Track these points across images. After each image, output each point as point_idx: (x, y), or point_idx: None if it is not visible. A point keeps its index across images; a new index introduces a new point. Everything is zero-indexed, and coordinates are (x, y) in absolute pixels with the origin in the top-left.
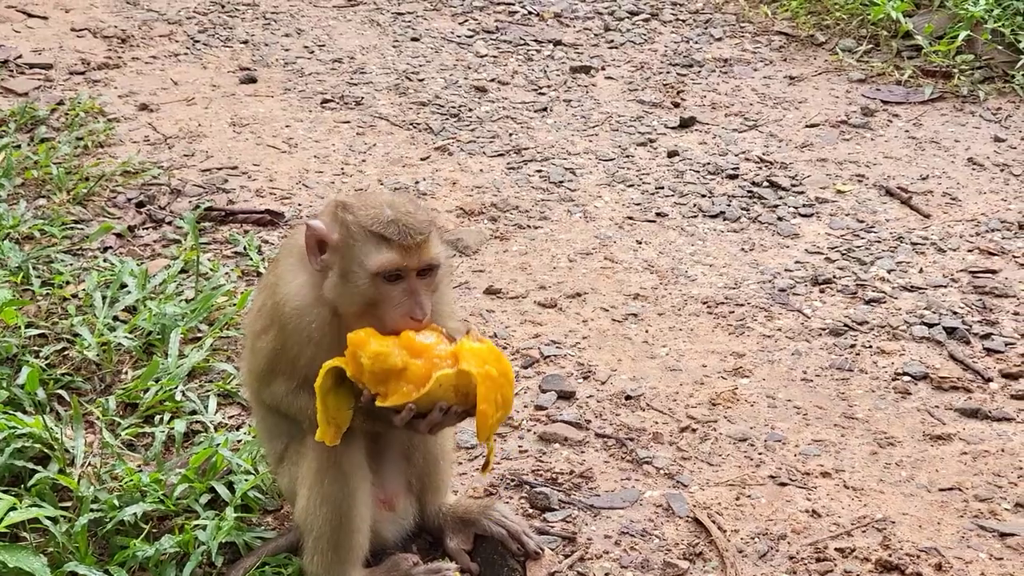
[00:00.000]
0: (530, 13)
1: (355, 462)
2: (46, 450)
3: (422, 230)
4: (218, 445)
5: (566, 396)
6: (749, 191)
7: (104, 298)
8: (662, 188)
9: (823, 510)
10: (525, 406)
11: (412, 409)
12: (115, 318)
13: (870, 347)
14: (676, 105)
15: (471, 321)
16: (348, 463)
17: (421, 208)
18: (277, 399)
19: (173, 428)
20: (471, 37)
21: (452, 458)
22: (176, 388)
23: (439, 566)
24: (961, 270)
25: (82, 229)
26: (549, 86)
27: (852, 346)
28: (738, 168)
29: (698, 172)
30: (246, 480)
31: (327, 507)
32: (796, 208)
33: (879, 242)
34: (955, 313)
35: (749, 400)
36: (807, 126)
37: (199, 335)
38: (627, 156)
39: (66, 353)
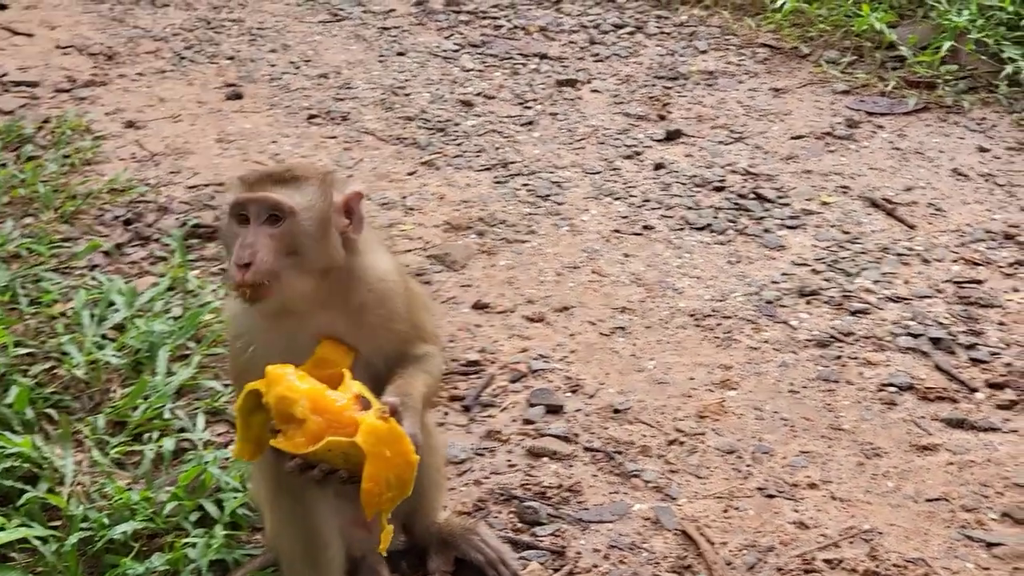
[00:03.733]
0: (516, 27)
1: (304, 479)
2: (35, 469)
3: (279, 172)
4: (207, 463)
5: (554, 410)
6: (735, 203)
7: (92, 316)
8: (648, 201)
9: (811, 521)
10: (514, 420)
11: (298, 462)
12: (103, 336)
13: (856, 358)
14: (662, 118)
15: (459, 335)
16: (300, 480)
17: (314, 167)
18: None
19: (162, 446)
20: (457, 51)
21: (442, 477)
22: (165, 406)
23: None
24: (946, 281)
25: (70, 247)
26: (535, 100)
27: (838, 357)
28: (724, 180)
29: (684, 184)
30: (235, 498)
31: (290, 526)
32: (782, 220)
33: (864, 253)
34: (940, 324)
35: (736, 412)
36: (792, 138)
37: (187, 352)
38: (613, 169)
39: (55, 372)
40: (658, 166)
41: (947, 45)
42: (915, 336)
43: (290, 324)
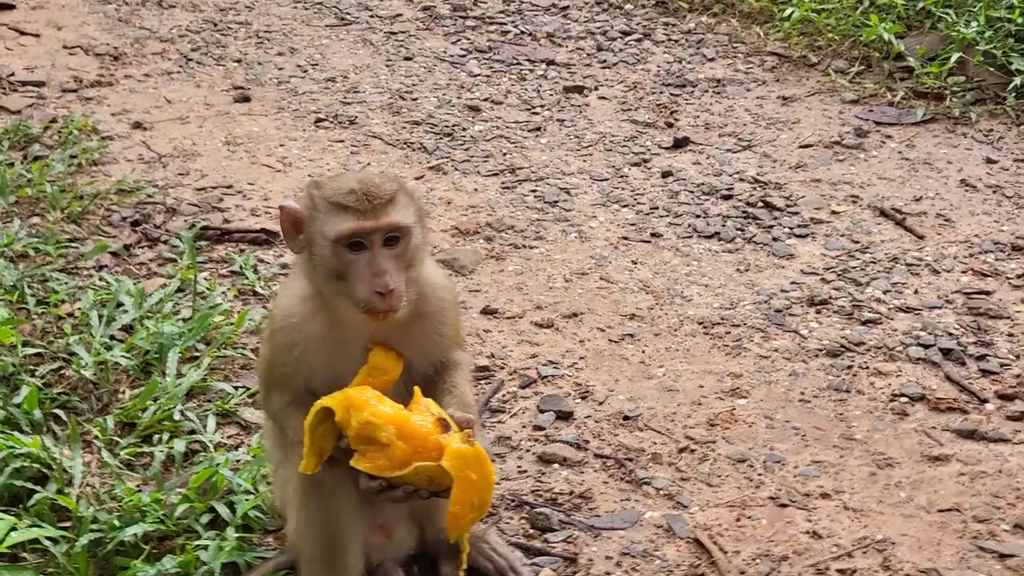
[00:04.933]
0: (523, 33)
1: (338, 482)
2: (44, 470)
3: (381, 193)
4: (218, 465)
5: (564, 416)
6: (744, 211)
7: (100, 317)
8: (656, 208)
9: (824, 531)
10: (523, 426)
11: (382, 484)
12: (112, 337)
13: (867, 368)
14: (670, 125)
15: (468, 340)
16: (332, 483)
17: (391, 179)
18: (274, 412)
19: (172, 448)
20: (464, 56)
21: None
22: (174, 407)
23: None
24: (955, 291)
25: (77, 248)
26: (542, 106)
27: (849, 367)
28: (732, 188)
29: (692, 192)
30: (247, 500)
31: (315, 528)
32: (791, 229)
33: (874, 263)
34: (950, 334)
35: (747, 421)
36: (801, 147)
37: (197, 354)
38: (621, 176)
39: (63, 372)
40: (666, 174)
41: (955, 56)
42: (926, 347)
43: (345, 331)
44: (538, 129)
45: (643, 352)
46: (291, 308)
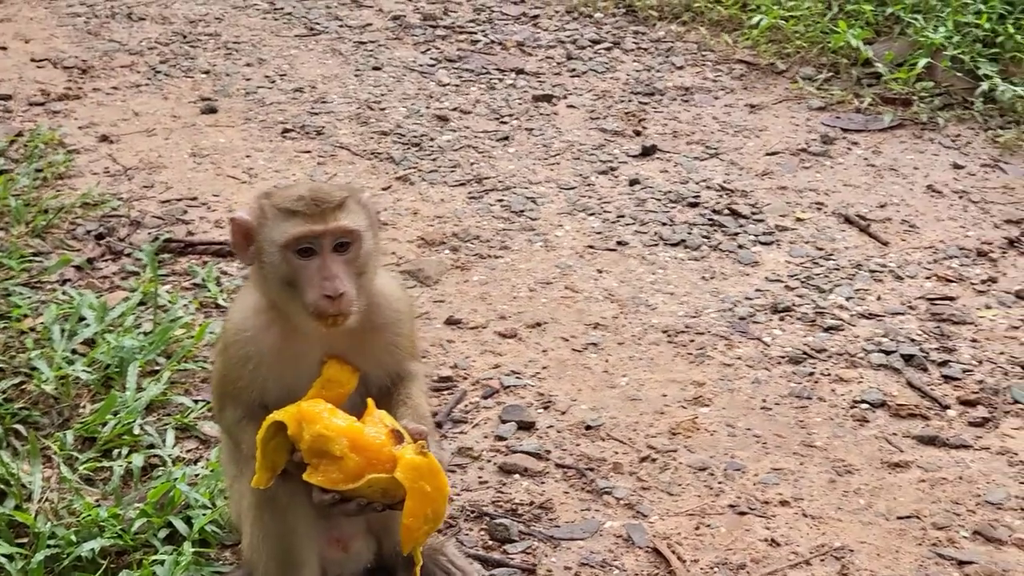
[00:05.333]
0: (493, 42)
1: (293, 496)
2: (2, 486)
3: (331, 199)
4: (176, 479)
5: (526, 426)
6: (710, 219)
7: (63, 331)
8: (623, 216)
9: (782, 539)
10: (485, 436)
11: (335, 498)
12: (73, 351)
13: (829, 375)
14: (638, 133)
15: (431, 351)
16: (286, 497)
17: (342, 187)
18: (227, 426)
19: (131, 462)
20: (433, 66)
21: None
22: (134, 422)
23: None
24: (919, 297)
25: (41, 262)
26: (511, 115)
27: (811, 374)
28: (699, 196)
29: (659, 200)
30: (204, 515)
31: (269, 543)
32: (756, 236)
33: (838, 270)
34: (913, 340)
35: (709, 429)
36: (767, 154)
37: (157, 368)
38: (588, 185)
39: (23, 387)
40: (633, 182)
41: (923, 62)
42: (887, 353)
43: (299, 344)
44: (506, 138)
45: (606, 361)
46: (244, 321)
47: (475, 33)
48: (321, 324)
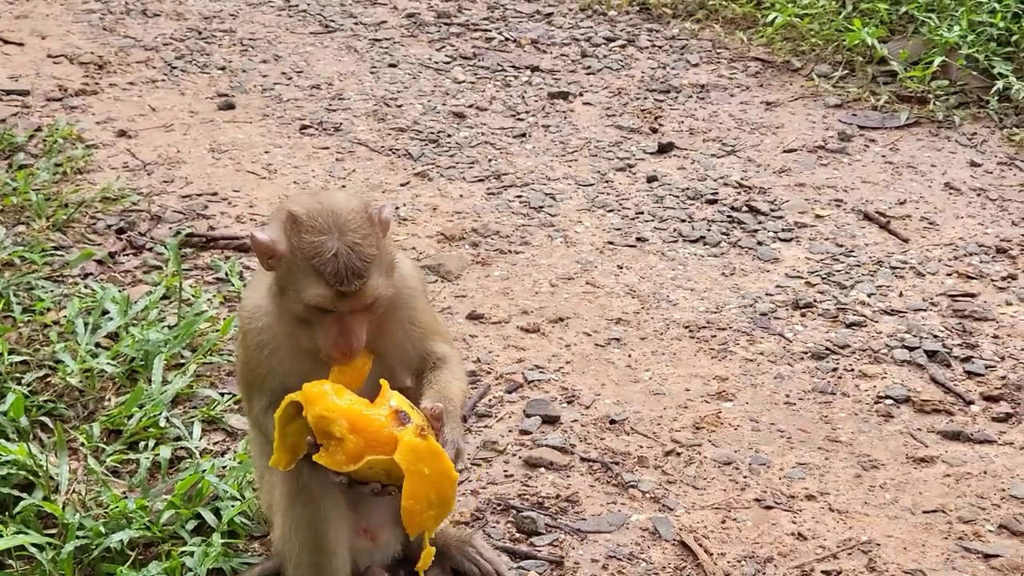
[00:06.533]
0: (507, 39)
1: (325, 485)
2: (31, 477)
3: (359, 271)
4: (204, 471)
5: (550, 421)
6: (728, 216)
7: (86, 325)
8: (642, 213)
9: (808, 533)
10: (510, 431)
11: (344, 479)
12: (97, 344)
13: (852, 370)
14: (654, 131)
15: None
16: (318, 487)
17: (369, 234)
18: (255, 416)
19: (158, 454)
20: (448, 63)
21: None
22: (160, 414)
23: None
24: (940, 294)
25: (62, 256)
26: (527, 112)
27: (834, 369)
28: (717, 193)
29: (677, 197)
30: (232, 506)
31: (301, 532)
32: (776, 233)
33: (859, 266)
34: (935, 336)
35: (733, 424)
36: (785, 151)
37: (182, 361)
38: (606, 181)
39: (49, 380)
40: (651, 179)
41: (938, 60)
42: (911, 349)
43: (313, 330)
44: (523, 135)
45: (629, 356)
46: (258, 308)
47: (489, 31)
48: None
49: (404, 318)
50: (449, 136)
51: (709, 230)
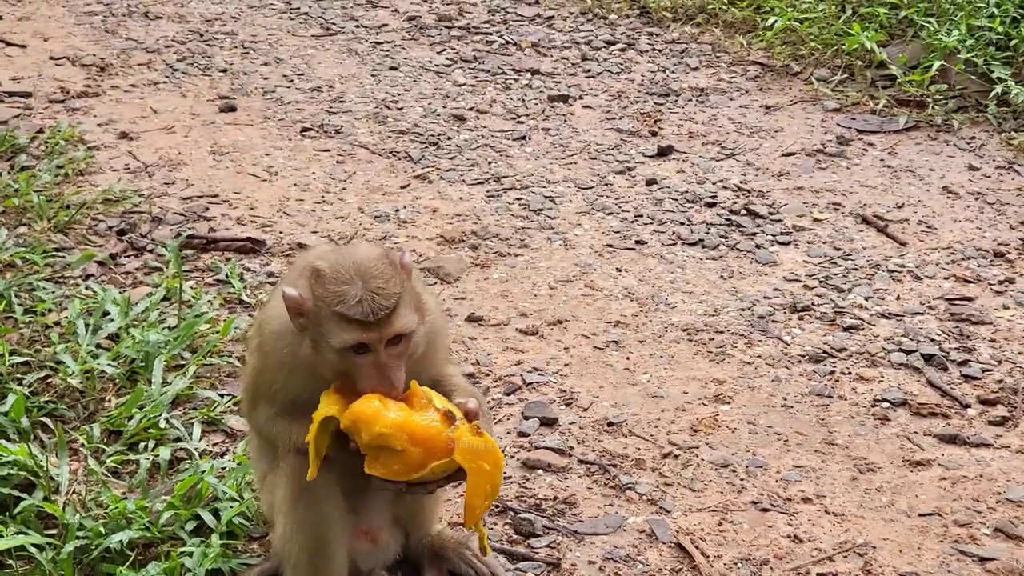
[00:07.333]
0: (508, 43)
1: (328, 488)
2: (31, 477)
3: (386, 305)
4: (203, 472)
5: (549, 423)
6: (727, 219)
7: (87, 326)
8: (641, 216)
9: (805, 535)
10: (508, 432)
11: (401, 487)
12: (98, 346)
13: (849, 374)
14: (653, 134)
15: (453, 348)
16: (321, 489)
17: (392, 277)
18: (259, 423)
19: (158, 455)
20: (449, 66)
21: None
22: (160, 415)
23: None
24: (938, 297)
25: (64, 257)
26: (527, 115)
27: (831, 373)
28: (716, 196)
29: (676, 200)
30: (231, 507)
31: (303, 534)
32: (774, 236)
33: (856, 270)
34: (932, 340)
35: (730, 426)
36: (783, 155)
37: (182, 363)
38: (606, 184)
39: (49, 380)
40: (650, 182)
41: (937, 65)
42: (907, 352)
43: (353, 375)
44: (523, 138)
45: (627, 359)
46: (282, 328)
47: (490, 34)
48: None
49: (426, 353)
50: (449, 139)
51: (708, 233)
